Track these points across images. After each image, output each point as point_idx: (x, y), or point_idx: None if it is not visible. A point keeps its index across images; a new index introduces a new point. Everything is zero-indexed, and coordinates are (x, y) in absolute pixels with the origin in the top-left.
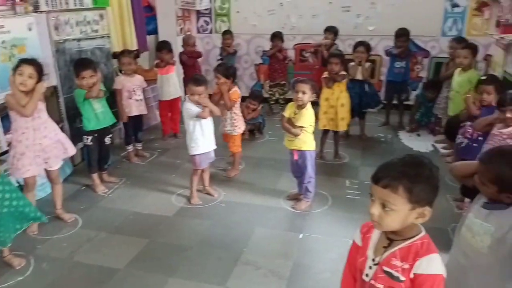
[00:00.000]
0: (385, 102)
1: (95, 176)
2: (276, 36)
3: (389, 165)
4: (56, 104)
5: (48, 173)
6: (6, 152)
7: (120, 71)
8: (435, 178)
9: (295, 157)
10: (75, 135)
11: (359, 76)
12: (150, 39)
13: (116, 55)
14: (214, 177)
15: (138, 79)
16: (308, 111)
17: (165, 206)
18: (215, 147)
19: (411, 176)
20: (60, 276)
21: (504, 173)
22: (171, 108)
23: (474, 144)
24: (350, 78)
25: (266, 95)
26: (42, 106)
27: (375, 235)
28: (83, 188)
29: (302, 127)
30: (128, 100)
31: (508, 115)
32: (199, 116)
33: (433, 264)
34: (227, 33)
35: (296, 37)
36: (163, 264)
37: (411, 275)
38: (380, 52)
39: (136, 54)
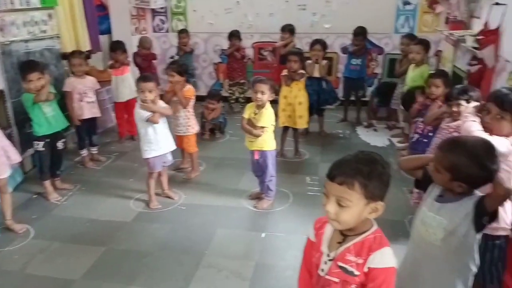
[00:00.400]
0: (342, 99)
1: (47, 183)
2: (234, 35)
3: (343, 163)
4: (3, 109)
5: None
6: None
7: (72, 73)
8: (386, 174)
9: (256, 156)
10: (25, 141)
11: (316, 74)
12: (103, 39)
13: (65, 56)
14: (174, 180)
15: (90, 81)
16: (268, 110)
17: (123, 211)
18: (174, 147)
19: (365, 172)
20: None
21: (460, 162)
22: (127, 109)
23: (425, 140)
24: (307, 76)
25: (226, 94)
26: None
27: (328, 230)
28: (35, 196)
29: (263, 127)
30: (79, 103)
31: (455, 109)
32: (149, 121)
33: (385, 257)
34: (183, 32)
35: (254, 35)
36: (121, 273)
37: (365, 269)
38: (337, 50)
39: (87, 55)
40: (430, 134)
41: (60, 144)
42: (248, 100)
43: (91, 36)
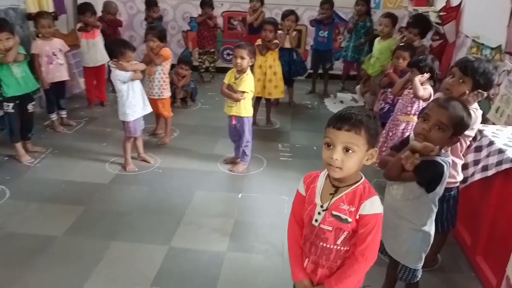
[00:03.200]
0: (311, 71)
1: (18, 145)
2: (206, 3)
3: (347, 114)
4: None
5: None
6: None
7: (37, 35)
8: (378, 125)
9: (233, 121)
10: None
11: (287, 45)
12: (67, 1)
13: (31, 17)
14: (149, 145)
15: (58, 43)
16: (249, 76)
17: (99, 174)
18: (150, 110)
19: (366, 121)
20: None
21: (464, 116)
22: (96, 75)
23: (392, 108)
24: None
25: (195, 63)
26: None
27: (320, 184)
28: (6, 158)
29: (244, 92)
30: (48, 66)
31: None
32: (133, 79)
33: (375, 205)
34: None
35: (224, 4)
36: (103, 230)
37: (357, 216)
38: (306, 23)
39: (54, 16)
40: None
41: (30, 107)
42: (218, 70)
43: None
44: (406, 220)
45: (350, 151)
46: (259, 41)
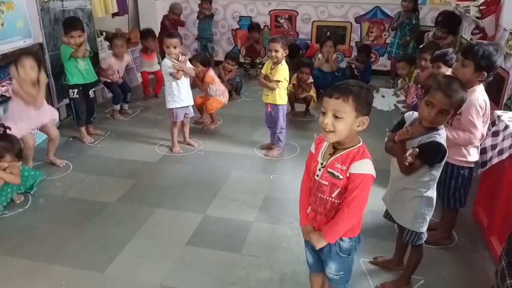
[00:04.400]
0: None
1: (82, 128)
2: (254, 28)
3: (338, 85)
4: (43, 61)
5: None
6: None
7: (113, 53)
8: (370, 95)
9: (269, 109)
10: (60, 91)
11: (325, 69)
12: (129, 2)
13: (108, 38)
14: (194, 131)
15: (125, 61)
16: (283, 66)
17: (149, 154)
18: (192, 103)
19: (356, 91)
20: (57, 209)
21: (461, 98)
22: (154, 75)
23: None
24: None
25: (242, 60)
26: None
27: (324, 145)
28: (71, 139)
29: (278, 81)
30: (110, 76)
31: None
32: (172, 75)
33: (363, 166)
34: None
35: (271, 3)
36: (149, 199)
37: (347, 174)
38: (351, 19)
39: (128, 38)
40: None
41: (91, 93)
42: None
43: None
44: (410, 189)
45: (338, 116)
46: (294, 80)
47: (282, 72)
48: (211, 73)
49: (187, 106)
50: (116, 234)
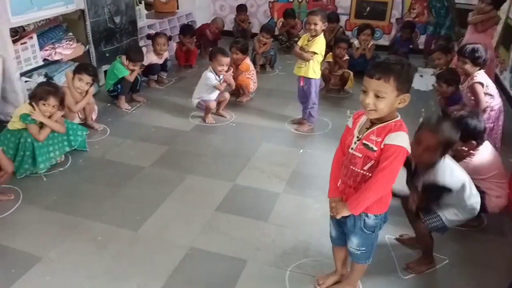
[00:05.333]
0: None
1: (123, 96)
2: (289, 15)
3: (380, 63)
4: (84, 28)
5: None
6: None
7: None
8: (411, 71)
9: (301, 83)
10: (100, 57)
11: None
12: None
13: (151, 36)
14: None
15: (165, 57)
16: (321, 39)
17: (182, 123)
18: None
19: (396, 70)
20: (95, 170)
21: (448, 137)
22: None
23: None
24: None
25: (277, 33)
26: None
27: (362, 120)
28: (108, 105)
29: (314, 52)
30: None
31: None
32: (216, 87)
33: (398, 138)
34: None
35: None
36: (182, 165)
37: (382, 146)
38: None
39: (169, 37)
40: None
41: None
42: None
43: None
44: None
45: (380, 96)
46: (329, 58)
47: (319, 44)
48: (248, 61)
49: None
50: (150, 196)
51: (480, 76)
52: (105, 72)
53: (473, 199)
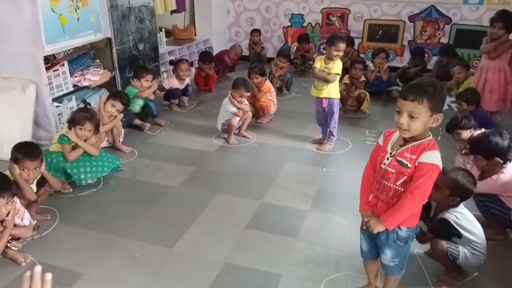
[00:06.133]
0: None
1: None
2: (303, 39)
3: (413, 86)
4: (110, 55)
5: None
6: None
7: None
8: (444, 93)
9: (324, 104)
10: (123, 83)
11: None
12: (186, 0)
13: (173, 62)
14: (248, 124)
15: (186, 82)
16: (339, 61)
17: (207, 144)
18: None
19: (430, 92)
20: (126, 190)
21: (458, 180)
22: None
23: None
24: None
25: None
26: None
27: (394, 137)
28: (128, 129)
29: (337, 74)
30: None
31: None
32: (235, 114)
33: (433, 156)
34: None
35: (323, 1)
36: (209, 185)
37: (416, 164)
38: (404, 18)
39: (191, 63)
40: None
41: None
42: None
43: None
44: None
45: (414, 117)
46: (346, 79)
47: (339, 65)
48: (268, 82)
49: None
50: (181, 214)
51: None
52: None
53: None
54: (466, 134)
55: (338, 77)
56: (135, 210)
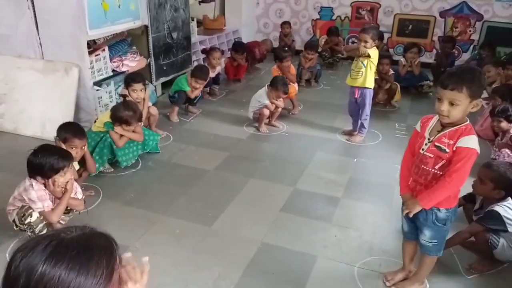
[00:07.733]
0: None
1: (176, 107)
2: (333, 32)
3: (452, 74)
4: (146, 42)
5: None
6: None
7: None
8: (482, 78)
9: (356, 95)
10: (158, 70)
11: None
12: None
13: (206, 51)
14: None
15: (217, 70)
16: (374, 51)
17: (238, 131)
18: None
19: (468, 79)
20: (164, 171)
21: (503, 174)
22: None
23: None
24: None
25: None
26: None
27: (432, 123)
28: (168, 115)
29: (369, 55)
30: None
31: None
32: (266, 107)
33: (470, 141)
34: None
35: None
36: (243, 170)
37: (454, 148)
38: (435, 13)
39: (222, 51)
40: None
41: None
42: (342, 59)
43: None
44: None
45: (454, 104)
46: (375, 75)
47: (373, 52)
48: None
49: None
50: (218, 196)
51: None
52: (163, 84)
53: None
54: (505, 124)
55: (371, 65)
56: (174, 190)
